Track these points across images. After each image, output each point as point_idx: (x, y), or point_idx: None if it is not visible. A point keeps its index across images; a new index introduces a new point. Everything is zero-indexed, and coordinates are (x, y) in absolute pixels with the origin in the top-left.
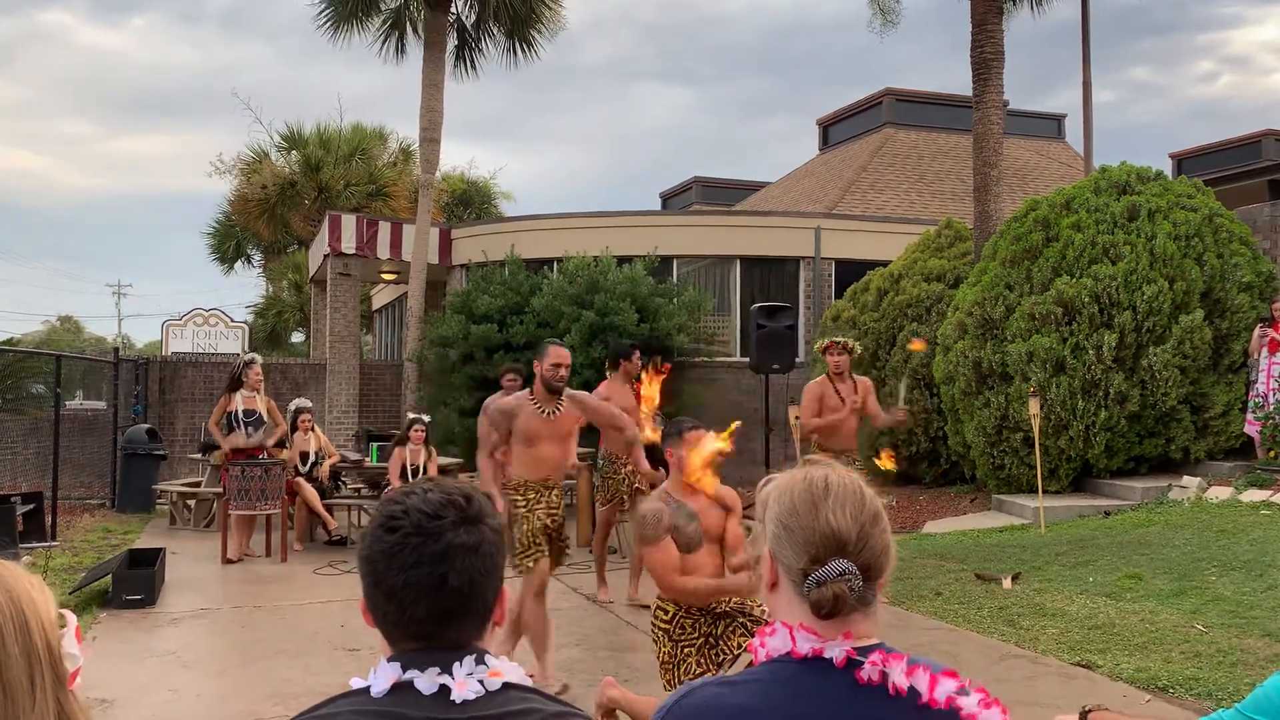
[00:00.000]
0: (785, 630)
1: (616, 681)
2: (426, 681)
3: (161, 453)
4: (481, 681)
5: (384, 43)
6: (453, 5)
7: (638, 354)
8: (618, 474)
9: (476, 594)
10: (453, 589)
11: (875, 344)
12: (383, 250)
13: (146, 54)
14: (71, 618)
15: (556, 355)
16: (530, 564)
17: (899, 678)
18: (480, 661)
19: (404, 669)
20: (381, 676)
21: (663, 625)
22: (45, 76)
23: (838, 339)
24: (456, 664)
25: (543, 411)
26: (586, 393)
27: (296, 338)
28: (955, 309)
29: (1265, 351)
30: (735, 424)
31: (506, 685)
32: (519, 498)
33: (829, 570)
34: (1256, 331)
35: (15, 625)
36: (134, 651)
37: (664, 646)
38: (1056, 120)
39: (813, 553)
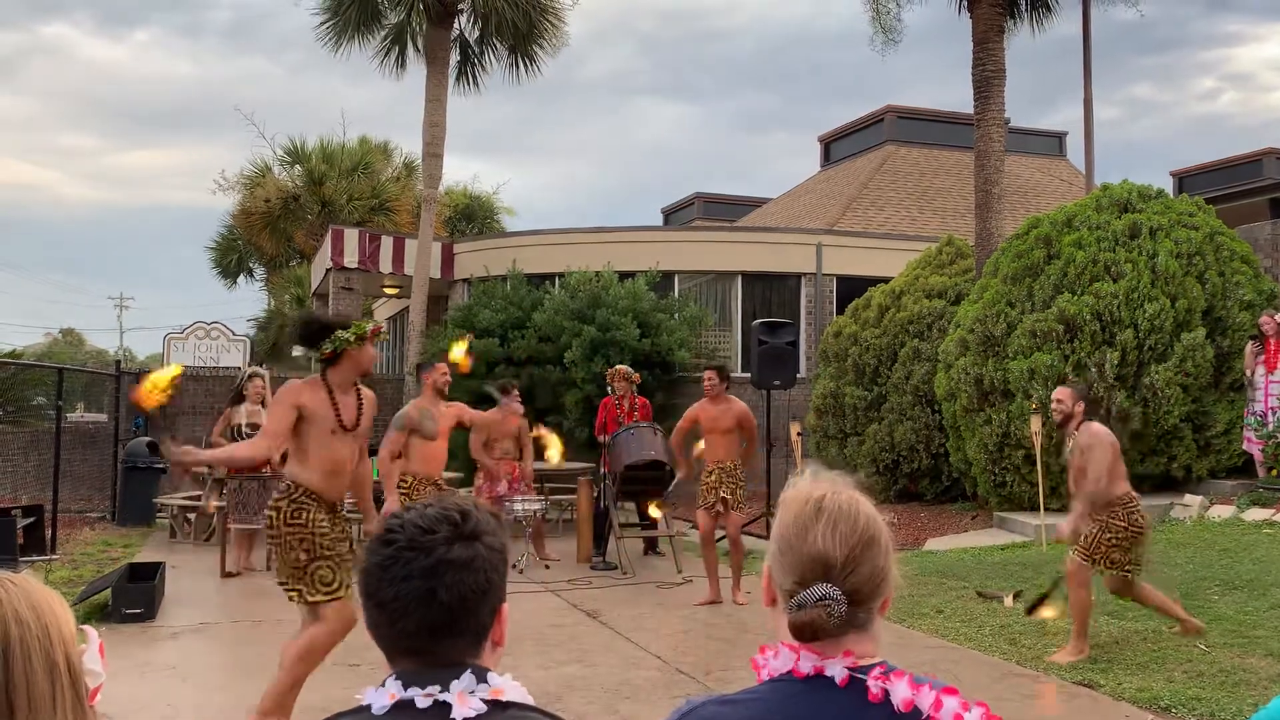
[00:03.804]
0: (787, 649)
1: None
2: (425, 699)
3: (162, 466)
4: (482, 700)
5: (385, 57)
6: (455, 21)
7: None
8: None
9: (468, 610)
10: (442, 604)
11: (876, 360)
12: (385, 264)
13: (150, 67)
14: (93, 634)
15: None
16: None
17: (902, 695)
18: (481, 679)
19: (405, 686)
20: (382, 694)
21: None
22: (48, 90)
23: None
24: (455, 681)
25: None
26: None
27: (298, 351)
28: (957, 326)
29: (1262, 369)
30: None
31: (507, 704)
32: None
33: (809, 595)
34: (1249, 349)
35: (39, 641)
36: (133, 666)
37: None
38: (1058, 138)
39: (798, 575)
